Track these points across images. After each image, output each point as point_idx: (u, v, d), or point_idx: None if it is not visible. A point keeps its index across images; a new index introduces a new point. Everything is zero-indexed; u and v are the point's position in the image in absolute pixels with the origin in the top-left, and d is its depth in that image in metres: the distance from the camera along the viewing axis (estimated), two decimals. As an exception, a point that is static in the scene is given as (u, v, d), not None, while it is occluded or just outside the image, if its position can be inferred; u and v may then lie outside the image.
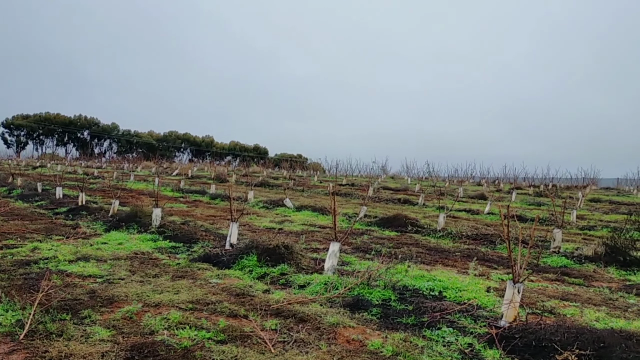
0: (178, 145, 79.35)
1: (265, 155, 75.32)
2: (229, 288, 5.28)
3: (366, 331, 4.15)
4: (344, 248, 8.22)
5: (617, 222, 13.94)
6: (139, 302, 4.57)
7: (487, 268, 7.30)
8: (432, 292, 5.46)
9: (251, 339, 3.77)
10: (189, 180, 27.79)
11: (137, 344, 3.55)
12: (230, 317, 4.35)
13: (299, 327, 4.12)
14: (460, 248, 9.08)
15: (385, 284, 5.40)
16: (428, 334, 4.12)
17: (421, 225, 11.41)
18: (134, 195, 16.91)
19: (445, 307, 4.79)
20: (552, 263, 7.91)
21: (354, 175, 44.80)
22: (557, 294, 5.87)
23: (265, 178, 30.72)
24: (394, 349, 3.68)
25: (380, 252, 7.82)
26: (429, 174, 41.73)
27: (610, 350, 3.45)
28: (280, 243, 6.58)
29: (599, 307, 5.27)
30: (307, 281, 5.63)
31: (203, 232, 8.93)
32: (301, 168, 53.90)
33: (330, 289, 5.27)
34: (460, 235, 10.29)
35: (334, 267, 6.02)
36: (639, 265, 7.63)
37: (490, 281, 6.30)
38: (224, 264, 6.43)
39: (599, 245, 8.37)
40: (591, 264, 7.88)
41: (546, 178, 41.28)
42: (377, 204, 18.50)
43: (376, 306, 4.83)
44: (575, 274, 7.17)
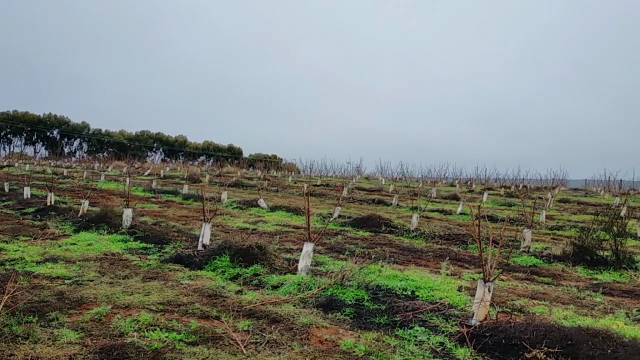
0: (150, 145, 78.31)
1: (239, 156, 74.89)
2: (201, 289, 5.23)
3: (339, 331, 4.15)
4: (318, 248, 8.22)
5: (584, 222, 14.26)
6: (109, 304, 4.49)
7: (459, 267, 7.39)
8: (405, 291, 5.49)
9: (223, 340, 3.74)
10: (161, 180, 27.44)
11: (106, 346, 3.48)
12: (202, 318, 4.30)
13: (271, 328, 4.10)
14: (433, 248, 9.17)
15: (358, 284, 5.42)
16: (400, 334, 4.14)
17: (395, 225, 11.49)
18: (104, 196, 16.61)
19: (417, 307, 4.83)
20: (522, 262, 8.04)
21: (329, 175, 44.91)
22: (527, 292, 5.97)
23: (239, 178, 30.52)
24: (367, 349, 3.69)
25: (354, 252, 7.84)
26: (402, 174, 42.11)
27: (578, 348, 3.52)
28: (254, 243, 6.54)
29: (567, 305, 5.38)
30: (281, 282, 5.61)
31: (175, 233, 8.82)
32: (276, 168, 53.77)
33: (304, 289, 5.26)
34: (433, 235, 10.39)
35: (307, 267, 6.01)
36: (605, 265, 7.81)
37: (462, 280, 6.37)
38: (196, 265, 6.36)
39: (567, 245, 8.55)
40: (560, 263, 8.04)
41: (517, 179, 42.05)
42: (351, 204, 18.55)
43: (349, 306, 4.84)
44: (544, 273, 7.31)
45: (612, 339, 3.63)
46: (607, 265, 7.78)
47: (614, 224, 8.38)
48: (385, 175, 44.50)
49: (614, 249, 7.97)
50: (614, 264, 7.80)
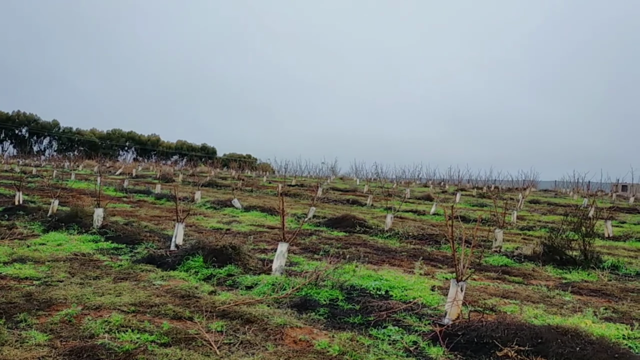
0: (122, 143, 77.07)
1: (213, 155, 74.27)
2: (174, 290, 5.16)
3: (313, 331, 4.15)
4: (293, 249, 8.20)
5: (554, 222, 14.56)
6: (79, 305, 4.40)
7: (432, 267, 7.46)
8: (379, 291, 5.52)
9: (196, 341, 3.69)
10: (133, 179, 27.02)
11: (76, 348, 3.41)
12: (174, 319, 4.25)
13: (245, 329, 4.07)
14: (407, 248, 9.23)
15: (333, 284, 5.42)
16: (374, 333, 4.16)
17: (369, 225, 11.54)
18: (74, 195, 16.28)
19: (391, 306, 4.85)
20: (494, 262, 8.16)
21: (304, 176, 44.92)
22: (498, 292, 6.06)
23: (213, 178, 30.27)
24: (341, 349, 3.69)
25: (328, 253, 7.84)
26: (377, 175, 42.35)
27: (547, 346, 3.59)
28: (228, 244, 6.49)
29: (537, 304, 5.47)
30: (255, 282, 5.58)
31: (147, 233, 8.70)
32: (250, 168, 53.51)
33: (278, 289, 5.24)
34: (406, 235, 10.47)
35: (282, 267, 5.99)
36: (574, 264, 7.99)
37: (435, 280, 6.43)
38: (168, 266, 6.28)
39: (537, 245, 8.71)
40: (530, 263, 8.19)
41: (489, 180, 42.79)
42: (326, 204, 18.58)
43: (324, 306, 4.84)
44: (515, 272, 7.43)
45: (581, 337, 3.71)
46: (575, 265, 7.95)
47: (583, 225, 8.56)
48: (359, 175, 44.74)
49: (582, 249, 8.15)
50: (582, 263, 7.98)
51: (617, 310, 5.39)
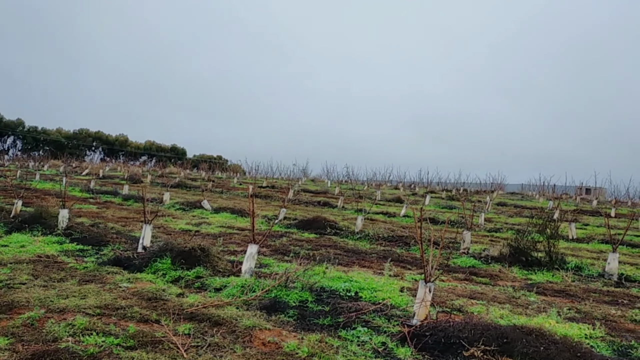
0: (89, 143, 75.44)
1: (183, 156, 73.35)
2: (141, 292, 5.07)
3: (282, 333, 4.13)
4: (263, 250, 8.16)
5: (520, 224, 14.85)
6: (42, 308, 4.28)
7: (402, 269, 7.52)
8: (348, 292, 5.54)
9: (163, 344, 3.64)
10: (100, 180, 26.49)
11: (39, 352, 3.31)
12: (141, 322, 4.17)
13: (213, 331, 4.02)
14: (377, 249, 9.29)
15: (302, 286, 5.41)
16: (343, 334, 4.16)
17: (340, 227, 11.57)
18: (39, 196, 15.87)
19: (360, 307, 4.87)
20: (462, 263, 8.28)
21: (275, 177, 44.73)
22: (466, 292, 6.14)
23: (182, 179, 29.89)
24: (310, 350, 3.68)
25: (298, 254, 7.83)
26: (348, 177, 42.49)
27: (513, 345, 3.65)
28: (196, 245, 6.42)
29: (503, 304, 5.57)
30: (224, 284, 5.53)
31: (114, 235, 8.54)
32: (221, 169, 53.03)
33: (247, 291, 5.21)
34: (377, 237, 10.53)
35: (251, 269, 5.96)
36: (539, 265, 8.16)
37: (404, 281, 6.49)
38: (135, 268, 6.17)
39: (504, 247, 8.87)
40: (497, 264, 8.33)
41: (458, 182, 43.36)
42: (297, 206, 18.56)
43: (293, 308, 4.82)
44: (483, 273, 7.55)
45: (545, 336, 3.79)
46: (540, 266, 8.13)
47: (548, 227, 8.76)
48: (331, 177, 44.77)
49: (547, 250, 8.34)
50: (547, 264, 8.16)
51: (580, 311, 5.53)
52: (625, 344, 4.43)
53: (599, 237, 12.93)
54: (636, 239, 13.32)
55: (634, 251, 11.19)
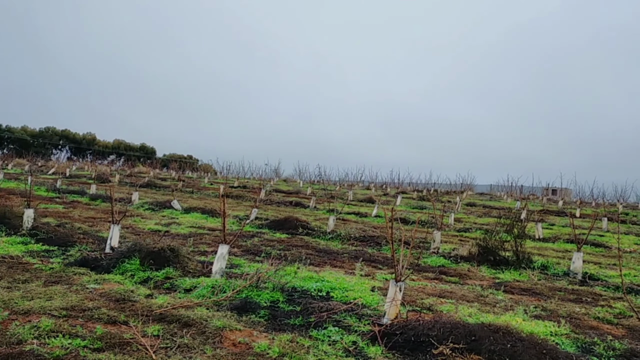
0: (56, 142, 73.68)
1: (152, 155, 72.23)
2: (108, 293, 4.98)
3: (253, 333, 4.11)
4: (234, 251, 8.11)
5: (489, 224, 15.10)
6: (5, 310, 4.16)
7: (373, 268, 7.57)
8: (320, 292, 5.54)
9: (131, 346, 3.57)
10: (67, 179, 25.90)
11: (2, 355, 3.22)
12: (108, 323, 4.09)
13: (183, 332, 3.98)
14: (348, 249, 9.33)
15: (274, 286, 5.39)
16: (314, 334, 4.17)
17: (312, 227, 11.58)
18: (3, 195, 15.40)
19: (332, 307, 4.88)
20: (432, 263, 8.38)
21: (247, 177, 44.52)
22: (436, 291, 6.22)
23: (152, 179, 29.47)
24: (281, 350, 3.67)
25: (270, 255, 7.80)
26: (320, 177, 42.58)
27: (481, 343, 3.71)
28: (166, 246, 6.33)
29: (472, 303, 5.66)
30: (194, 285, 5.47)
31: (81, 235, 8.35)
32: (191, 169, 52.47)
33: (218, 292, 5.16)
34: (348, 237, 10.57)
35: (222, 270, 5.91)
36: (507, 264, 8.32)
37: (375, 281, 6.53)
38: (103, 269, 6.05)
39: (473, 246, 9.01)
40: (466, 263, 8.46)
41: (429, 183, 43.93)
42: (268, 206, 18.50)
43: (264, 308, 4.80)
44: (452, 272, 7.66)
45: (512, 334, 3.86)
46: (508, 265, 8.28)
47: (515, 227, 8.94)
48: (303, 178, 44.84)
49: (514, 249, 8.51)
50: (514, 263, 8.32)
51: (546, 309, 5.65)
52: (589, 340, 4.55)
53: (564, 236, 13.26)
54: (600, 238, 13.71)
55: (598, 250, 11.51)
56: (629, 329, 5.10)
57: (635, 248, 12.17)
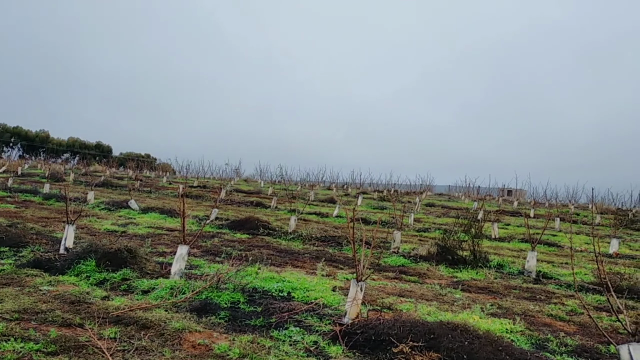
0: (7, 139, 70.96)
1: (109, 154, 70.40)
2: (63, 295, 4.82)
3: (213, 335, 4.06)
4: (194, 251, 7.99)
5: (447, 224, 15.39)
6: (-50, 315, 3.98)
7: (334, 268, 7.60)
8: (281, 293, 5.52)
9: (87, 349, 3.47)
10: (18, 178, 24.99)
11: (-55, 364, 3.08)
12: (63, 326, 3.97)
13: (141, 334, 3.89)
14: (310, 250, 9.33)
15: (234, 287, 5.35)
16: (275, 334, 4.15)
17: (273, 227, 11.53)
18: (-52, 194, 14.75)
19: (293, 307, 4.87)
20: (392, 262, 8.47)
21: (207, 177, 43.92)
22: (396, 291, 6.29)
23: (108, 178, 28.75)
24: (241, 351, 3.64)
25: (230, 255, 7.73)
26: (281, 177, 42.44)
27: (439, 341, 3.77)
28: (123, 246, 6.19)
29: (431, 302, 5.75)
30: (152, 286, 5.37)
31: (34, 236, 8.07)
32: (149, 168, 51.44)
33: (177, 293, 5.08)
34: (310, 237, 10.58)
35: (181, 271, 5.81)
36: (464, 264, 8.50)
37: (336, 281, 6.55)
38: (57, 270, 5.86)
39: (432, 246, 9.17)
40: (425, 262, 8.60)
41: (389, 184, 44.44)
42: (229, 206, 18.32)
43: (225, 309, 4.75)
44: (412, 272, 7.76)
45: (469, 332, 3.94)
46: (466, 264, 8.46)
47: (472, 227, 9.15)
48: (264, 177, 44.59)
49: (472, 249, 8.70)
50: (471, 262, 8.51)
51: (502, 306, 5.80)
52: (543, 337, 4.69)
53: (519, 236, 13.64)
54: (553, 238, 14.17)
55: (551, 250, 11.89)
56: (580, 326, 5.29)
57: (586, 247, 12.63)
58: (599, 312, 5.94)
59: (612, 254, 11.61)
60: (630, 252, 12.48)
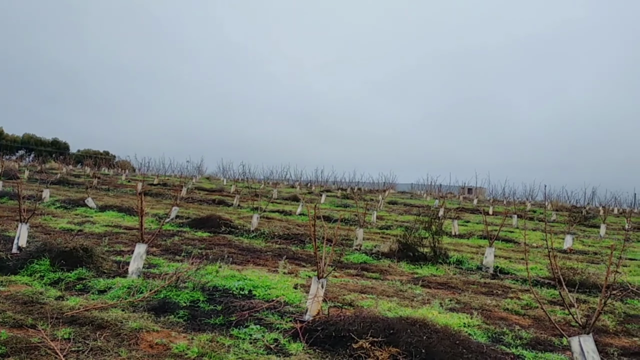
0: (-43, 135, 68.08)
1: (66, 151, 68.39)
2: (15, 296, 4.66)
3: (171, 334, 3.99)
4: (153, 250, 7.84)
5: (409, 222, 15.60)
6: None
7: (296, 266, 7.58)
8: (242, 291, 5.48)
9: (39, 350, 3.36)
10: (-31, 176, 24.01)
11: None
12: (14, 327, 3.83)
13: (96, 335, 3.79)
14: (272, 248, 9.29)
15: (194, 286, 5.27)
16: (236, 333, 4.11)
17: (235, 226, 11.44)
18: None
19: (254, 305, 4.84)
20: (354, 259, 8.52)
21: (167, 175, 43.21)
22: (357, 287, 6.33)
23: (64, 175, 27.96)
24: (200, 350, 3.59)
25: (191, 254, 7.62)
26: (244, 175, 42.14)
27: (399, 336, 3.81)
28: (78, 245, 6.02)
29: (392, 298, 5.81)
30: (109, 285, 5.24)
31: (-16, 235, 7.76)
32: (108, 166, 50.26)
33: (134, 292, 4.97)
34: (272, 235, 10.54)
35: (139, 270, 5.70)
36: (425, 260, 8.62)
37: (298, 278, 6.54)
38: (9, 270, 5.66)
39: (393, 243, 9.27)
40: (387, 259, 8.68)
41: (353, 182, 44.71)
42: (190, 204, 18.07)
43: (184, 308, 4.68)
44: (373, 269, 7.83)
45: (428, 326, 4.00)
46: (426, 261, 8.59)
47: (433, 224, 9.28)
48: (227, 175, 44.18)
49: (432, 246, 8.84)
50: (432, 259, 8.65)
51: (460, 301, 5.91)
52: (499, 330, 4.81)
53: (478, 233, 13.93)
54: (510, 234, 14.54)
55: (508, 246, 12.19)
56: (534, 319, 5.44)
57: (542, 243, 13.01)
58: (552, 305, 6.13)
59: (566, 250, 11.99)
60: (584, 247, 12.93)
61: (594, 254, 11.70)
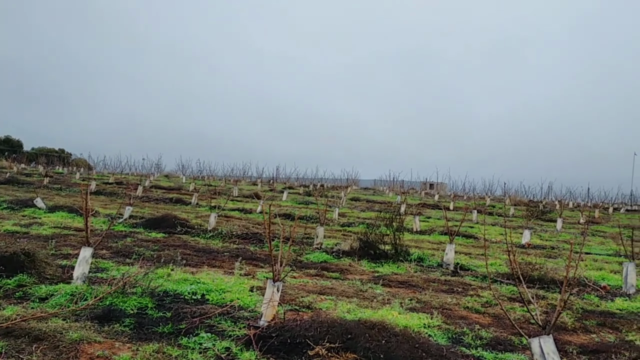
0: None
1: (19, 149, 65.92)
2: (-58, 308, 4.28)
3: (115, 345, 3.72)
4: (102, 253, 7.46)
5: (371, 219, 15.54)
6: None
7: (254, 267, 7.36)
8: (194, 296, 5.22)
9: (-39, 371, 3.05)
10: None
11: None
12: (-64, 345, 3.49)
13: (32, 348, 3.50)
14: (230, 248, 9.02)
15: (143, 291, 4.98)
16: (184, 342, 3.86)
17: (191, 225, 11.10)
18: None
19: (206, 311, 4.59)
20: (314, 259, 8.34)
21: (125, 173, 42.07)
22: (316, 288, 6.15)
23: (15, 174, 26.85)
24: (144, 363, 3.34)
25: (142, 256, 7.28)
26: (200, 172, 41.46)
27: (356, 341, 3.65)
28: (20, 249, 5.64)
29: (351, 298, 5.66)
30: (51, 292, 4.90)
31: None
32: (63, 164, 48.65)
33: (78, 300, 4.65)
34: (230, 234, 10.26)
35: (84, 275, 5.36)
36: (386, 258, 8.52)
37: (255, 280, 6.32)
38: (-61, 278, 5.24)
39: (354, 241, 9.13)
40: (348, 258, 8.54)
41: (315, 178, 44.60)
42: (146, 203, 17.55)
43: (130, 316, 4.40)
44: (334, 268, 7.66)
45: (387, 329, 3.85)
46: (387, 258, 8.49)
47: (394, 220, 9.19)
48: (186, 173, 43.37)
49: (393, 243, 8.74)
50: (393, 257, 8.55)
51: (421, 300, 5.81)
52: (459, 331, 4.71)
53: (439, 229, 13.98)
54: (470, 230, 14.64)
55: (468, 242, 12.25)
56: (495, 317, 5.38)
57: (501, 238, 13.15)
58: (512, 302, 6.09)
59: (524, 245, 12.14)
60: (541, 242, 13.12)
61: (551, 248, 11.87)
